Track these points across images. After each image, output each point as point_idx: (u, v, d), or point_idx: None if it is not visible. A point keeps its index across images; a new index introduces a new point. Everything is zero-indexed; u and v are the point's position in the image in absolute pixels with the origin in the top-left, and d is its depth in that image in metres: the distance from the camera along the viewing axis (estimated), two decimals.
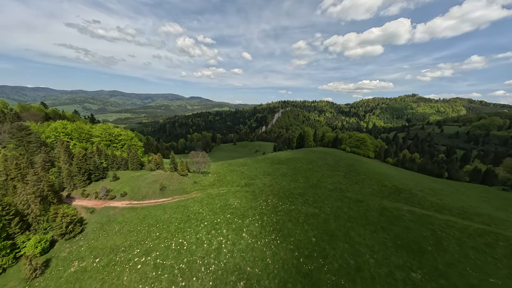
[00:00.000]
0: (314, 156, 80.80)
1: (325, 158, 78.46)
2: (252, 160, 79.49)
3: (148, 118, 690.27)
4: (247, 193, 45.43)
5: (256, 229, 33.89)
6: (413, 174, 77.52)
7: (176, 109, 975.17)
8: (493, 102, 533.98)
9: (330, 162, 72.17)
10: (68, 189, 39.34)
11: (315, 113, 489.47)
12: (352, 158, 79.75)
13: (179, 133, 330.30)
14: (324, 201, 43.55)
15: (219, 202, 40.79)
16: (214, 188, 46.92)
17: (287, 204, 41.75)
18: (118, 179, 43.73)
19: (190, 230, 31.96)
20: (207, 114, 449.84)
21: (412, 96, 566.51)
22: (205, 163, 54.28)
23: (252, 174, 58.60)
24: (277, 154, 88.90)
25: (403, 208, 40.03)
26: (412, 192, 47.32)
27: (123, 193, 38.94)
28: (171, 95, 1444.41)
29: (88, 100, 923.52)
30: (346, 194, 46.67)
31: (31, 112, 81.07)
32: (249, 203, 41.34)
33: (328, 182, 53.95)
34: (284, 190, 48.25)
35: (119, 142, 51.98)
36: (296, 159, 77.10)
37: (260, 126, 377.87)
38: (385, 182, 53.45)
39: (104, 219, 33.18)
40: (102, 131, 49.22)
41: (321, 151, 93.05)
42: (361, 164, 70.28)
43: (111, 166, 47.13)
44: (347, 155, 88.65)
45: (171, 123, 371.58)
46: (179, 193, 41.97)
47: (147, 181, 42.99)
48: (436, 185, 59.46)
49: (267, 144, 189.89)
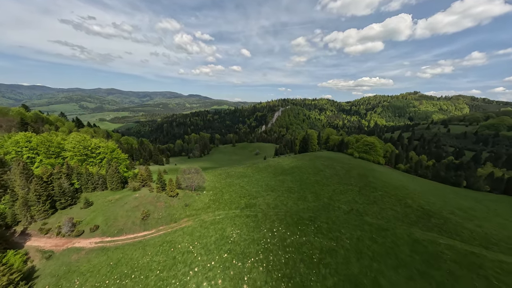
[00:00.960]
0: (321, 164, 73.47)
1: (333, 166, 71.17)
2: (252, 169, 72.01)
3: (146, 117, 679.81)
4: (248, 218, 38.08)
5: (260, 276, 26.59)
6: (431, 185, 70.40)
7: (174, 107, 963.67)
8: (496, 100, 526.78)
9: (340, 171, 64.88)
10: (23, 223, 31.80)
11: (315, 111, 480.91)
12: (362, 166, 72.46)
13: (176, 133, 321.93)
14: (341, 229, 36.30)
15: (214, 234, 33.42)
16: (208, 212, 39.50)
17: (296, 235, 34.45)
18: (91, 205, 36.25)
19: (175, 283, 24.59)
20: (205, 113, 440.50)
21: (414, 94, 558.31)
22: (199, 179, 46.76)
23: (254, 190, 51.18)
24: (280, 162, 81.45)
25: (439, 241, 32.81)
26: (443, 216, 40.08)
27: (94, 226, 31.45)
28: (170, 93, 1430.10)
29: (84, 99, 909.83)
30: (366, 219, 39.41)
31: (7, 118, 72.94)
32: (251, 234, 34.02)
33: (341, 200, 46.63)
34: (292, 212, 40.94)
35: (97, 156, 43.99)
36: (301, 168, 69.73)
37: (260, 125, 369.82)
38: (408, 200, 46.20)
39: (62, 268, 25.85)
40: (75, 144, 41.06)
41: (327, 157, 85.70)
42: (375, 174, 62.97)
43: (86, 187, 39.52)
44: (356, 161, 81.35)
45: (169, 123, 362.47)
46: (165, 222, 34.61)
47: (127, 207, 35.54)
48: (463, 201, 52.29)
49: (268, 145, 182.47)
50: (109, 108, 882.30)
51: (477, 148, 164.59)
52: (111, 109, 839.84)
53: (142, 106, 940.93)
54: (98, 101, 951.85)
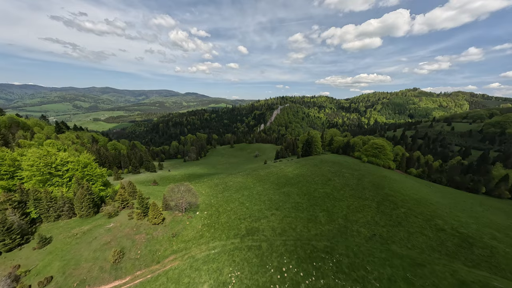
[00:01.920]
0: (328, 171, 66.49)
1: (342, 173, 64.23)
2: (253, 178, 64.65)
3: (141, 116, 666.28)
4: (250, 252, 30.79)
5: None
6: (450, 193, 63.91)
7: (171, 106, 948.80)
8: (495, 96, 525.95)
9: (351, 180, 57.94)
10: None
11: (314, 109, 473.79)
12: (374, 173, 65.63)
13: (173, 133, 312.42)
14: (365, 265, 29.23)
15: (207, 279, 26.08)
16: (201, 243, 32.06)
17: (312, 276, 27.31)
18: (48, 243, 28.33)
19: None
20: (202, 112, 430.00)
21: (414, 90, 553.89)
22: (191, 197, 39.19)
23: (255, 208, 43.85)
24: (283, 168, 74.23)
25: (494, 283, 25.91)
26: (485, 243, 33.24)
27: (45, 279, 23.23)
28: (166, 91, 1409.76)
29: (78, 98, 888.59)
30: (393, 248, 32.41)
31: None
32: (254, 277, 26.78)
33: (359, 221, 39.58)
34: (303, 241, 33.76)
35: (65, 174, 35.69)
36: (307, 176, 62.59)
37: (259, 124, 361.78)
38: (437, 220, 39.34)
39: None
40: (36, 160, 32.73)
41: (333, 162, 78.80)
42: (391, 184, 56.07)
43: (46, 215, 31.42)
44: (365, 167, 74.48)
45: (165, 123, 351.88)
46: (145, 263, 27.12)
47: (95, 245, 27.82)
48: (495, 217, 45.70)
49: (267, 146, 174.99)
50: (104, 107, 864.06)
51: (483, 147, 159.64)
52: (106, 109, 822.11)
53: (138, 105, 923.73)
54: (92, 100, 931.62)
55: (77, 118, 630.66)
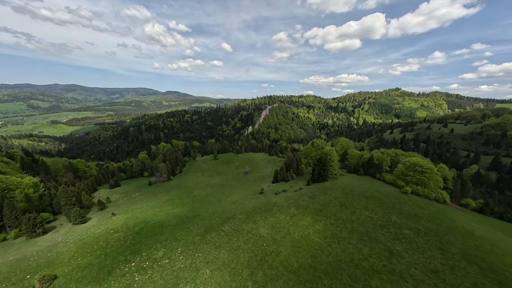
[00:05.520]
0: (369, 219, 39.70)
1: (397, 225, 37.73)
2: (249, 254, 34.62)
3: (113, 117, 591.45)
4: None
5: None
6: None
7: (149, 106, 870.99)
8: (466, 96, 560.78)
9: (428, 252, 31.09)
10: None
11: (303, 109, 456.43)
12: (439, 223, 39.94)
13: (145, 138, 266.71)
14: None
15: None
16: None
17: None
18: None
19: None
20: (182, 113, 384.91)
21: (396, 90, 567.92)
22: None
23: None
24: (295, 216, 45.35)
25: None
26: None
27: None
28: (144, 90, 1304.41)
29: (35, 96, 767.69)
30: None
31: None
32: None
33: None
34: None
35: None
36: (345, 245, 34.48)
37: (246, 126, 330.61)
38: None
39: None
40: None
41: (363, 194, 52.63)
42: (492, 253, 30.01)
43: None
44: (419, 206, 48.90)
45: (136, 126, 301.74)
46: None
47: None
48: None
49: (260, 158, 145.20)
50: (68, 107, 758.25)
51: (489, 151, 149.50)
52: (71, 109, 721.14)
53: (110, 105, 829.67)
54: (54, 99, 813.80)
55: (31, 120, 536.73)
